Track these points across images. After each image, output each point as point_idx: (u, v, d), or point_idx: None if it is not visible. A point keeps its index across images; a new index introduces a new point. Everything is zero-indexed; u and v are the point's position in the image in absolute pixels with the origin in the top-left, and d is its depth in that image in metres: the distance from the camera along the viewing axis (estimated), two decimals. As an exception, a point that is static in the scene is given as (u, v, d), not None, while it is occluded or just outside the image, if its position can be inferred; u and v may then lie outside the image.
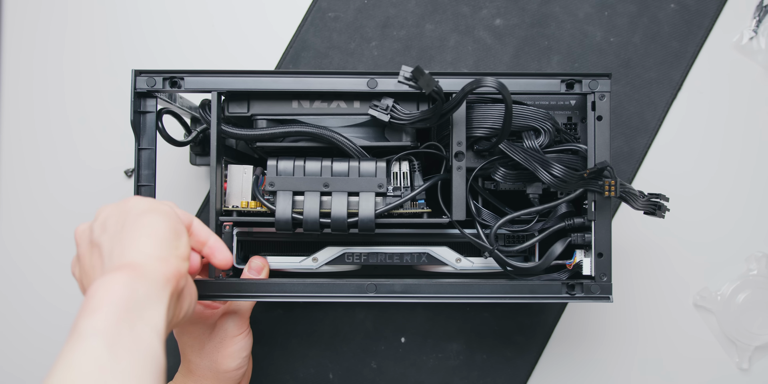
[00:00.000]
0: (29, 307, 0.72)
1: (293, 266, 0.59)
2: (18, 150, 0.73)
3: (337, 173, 0.55)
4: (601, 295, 0.54)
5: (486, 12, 0.73)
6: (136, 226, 0.42)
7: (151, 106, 0.54)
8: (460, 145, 0.54)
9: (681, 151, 0.73)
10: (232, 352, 0.56)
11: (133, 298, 0.37)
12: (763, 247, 0.73)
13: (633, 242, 0.72)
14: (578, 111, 0.58)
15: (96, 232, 0.44)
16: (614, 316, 0.72)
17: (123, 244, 0.41)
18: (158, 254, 0.40)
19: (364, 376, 0.71)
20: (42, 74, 0.73)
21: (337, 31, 0.73)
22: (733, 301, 0.71)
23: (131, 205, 0.44)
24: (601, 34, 0.73)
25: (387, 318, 0.72)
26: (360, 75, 0.53)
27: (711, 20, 0.73)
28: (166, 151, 0.65)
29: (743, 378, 0.72)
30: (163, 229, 0.42)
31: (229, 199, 0.56)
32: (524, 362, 0.72)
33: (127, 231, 0.42)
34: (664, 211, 0.55)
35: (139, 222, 0.42)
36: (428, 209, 0.56)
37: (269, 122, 0.56)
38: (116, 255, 0.41)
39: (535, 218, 0.57)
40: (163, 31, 0.74)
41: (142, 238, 0.41)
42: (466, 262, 0.59)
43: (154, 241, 0.41)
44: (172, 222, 0.44)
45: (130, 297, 0.37)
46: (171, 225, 0.43)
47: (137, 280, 0.38)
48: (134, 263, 0.39)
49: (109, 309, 0.36)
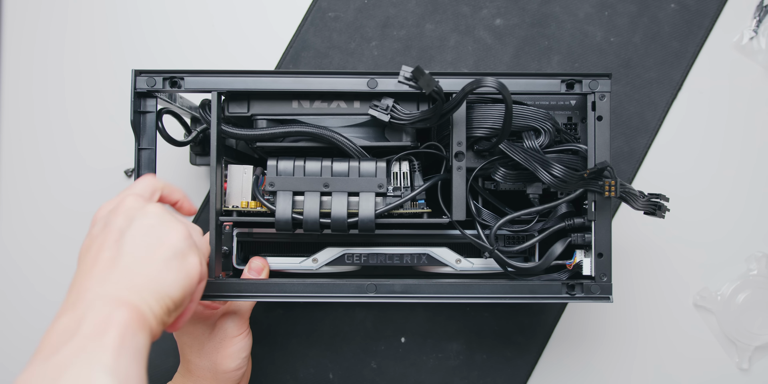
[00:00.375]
0: (30, 307, 0.72)
1: (293, 267, 0.59)
2: (18, 150, 0.73)
3: (337, 173, 0.55)
4: (601, 295, 0.54)
5: (486, 12, 0.73)
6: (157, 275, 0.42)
7: (151, 106, 0.54)
8: (460, 145, 0.54)
9: (681, 151, 0.73)
10: (232, 353, 0.56)
11: (138, 344, 0.39)
12: (763, 247, 0.73)
13: (633, 242, 0.72)
14: (578, 111, 0.58)
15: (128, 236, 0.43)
16: (614, 316, 0.72)
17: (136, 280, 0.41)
18: (158, 317, 0.41)
19: (364, 376, 0.71)
20: (42, 74, 0.73)
21: (337, 31, 0.73)
22: (733, 301, 0.71)
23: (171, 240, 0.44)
24: (601, 34, 0.73)
25: (387, 318, 0.72)
26: (360, 75, 0.53)
27: (711, 20, 0.73)
28: (166, 151, 0.65)
29: (743, 378, 0.72)
30: (173, 299, 0.43)
31: (229, 199, 0.56)
32: (524, 362, 0.72)
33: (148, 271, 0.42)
34: (664, 211, 0.55)
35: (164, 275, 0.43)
36: (428, 209, 0.56)
37: (269, 122, 0.56)
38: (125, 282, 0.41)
39: (535, 218, 0.57)
40: (163, 31, 0.74)
41: (154, 294, 0.42)
42: (466, 263, 0.59)
43: (160, 305, 0.42)
44: (187, 290, 0.44)
45: (137, 343, 0.39)
46: (182, 296, 0.44)
47: (143, 328, 0.40)
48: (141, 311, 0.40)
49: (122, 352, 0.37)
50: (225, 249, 0.58)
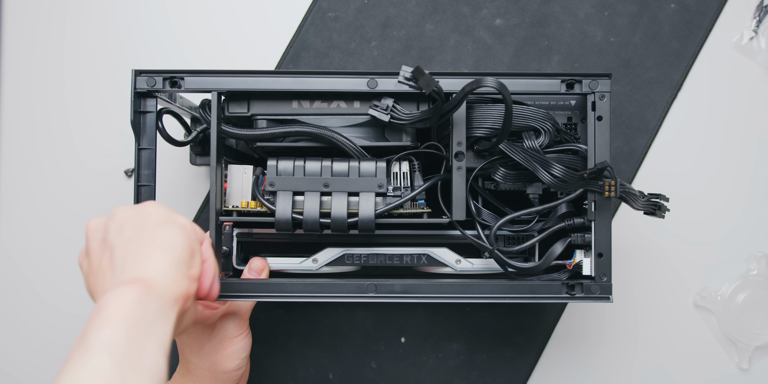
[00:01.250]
0: (29, 308, 0.72)
1: (293, 267, 0.59)
2: (18, 150, 0.73)
3: (337, 173, 0.55)
4: (601, 295, 0.54)
5: (486, 12, 0.73)
6: (153, 238, 0.42)
7: (151, 106, 0.54)
8: (460, 145, 0.54)
9: (681, 151, 0.73)
10: (232, 353, 0.56)
11: (144, 316, 0.37)
12: (763, 247, 0.73)
13: (633, 242, 0.72)
14: (578, 111, 0.58)
15: (111, 233, 0.43)
16: (614, 316, 0.72)
17: (137, 254, 0.41)
18: (172, 273, 0.40)
19: (364, 376, 0.71)
20: (42, 74, 0.73)
21: (337, 31, 0.73)
22: (733, 301, 0.71)
23: (150, 212, 0.44)
24: (601, 34, 0.73)
25: (387, 318, 0.72)
26: (360, 75, 0.53)
27: (711, 20, 0.73)
28: (166, 151, 0.65)
29: (743, 378, 0.72)
30: (180, 247, 0.42)
31: (229, 199, 0.56)
32: (524, 362, 0.72)
33: (143, 241, 0.42)
34: (664, 211, 0.55)
35: (158, 234, 0.42)
36: (428, 209, 0.56)
37: (269, 122, 0.56)
38: (129, 264, 0.41)
39: (535, 218, 0.57)
40: (163, 31, 0.74)
41: (158, 253, 0.41)
42: (465, 264, 0.59)
43: (169, 259, 0.41)
44: (190, 239, 0.43)
45: (141, 314, 0.37)
46: (188, 243, 0.43)
47: (149, 297, 0.38)
48: (147, 279, 0.39)
49: (119, 325, 0.36)
50: (225, 249, 0.58)
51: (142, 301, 0.37)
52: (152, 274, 0.40)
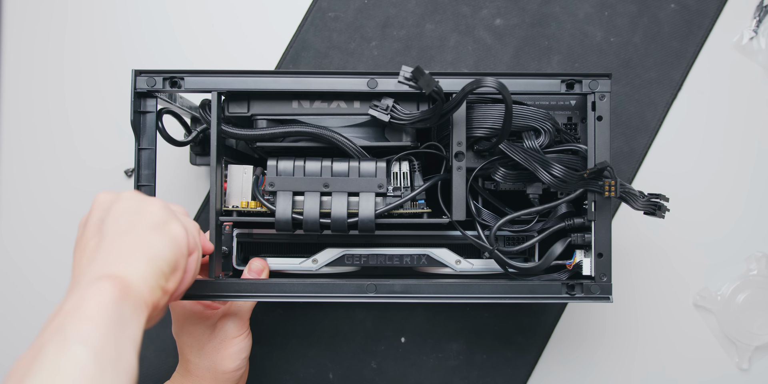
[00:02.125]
0: (30, 307, 0.72)
1: (293, 267, 0.59)
2: (18, 150, 0.73)
3: (337, 173, 0.55)
4: (601, 295, 0.54)
5: (486, 12, 0.73)
6: (141, 242, 0.42)
7: (151, 106, 0.54)
8: (460, 145, 0.54)
9: (681, 151, 0.73)
10: (232, 354, 0.56)
11: (121, 315, 0.38)
12: (763, 247, 0.73)
13: (633, 242, 0.72)
14: (578, 111, 0.58)
15: (109, 218, 0.44)
16: (614, 316, 0.72)
17: (122, 251, 0.41)
18: (149, 281, 0.41)
19: (364, 376, 0.71)
20: (42, 74, 0.73)
21: (337, 31, 0.73)
22: (733, 301, 0.71)
23: (151, 211, 0.44)
24: (601, 34, 0.73)
25: (387, 318, 0.72)
26: (360, 75, 0.53)
27: (711, 20, 0.73)
28: (166, 151, 0.65)
29: (743, 378, 0.72)
30: (163, 260, 0.42)
31: (229, 199, 0.56)
32: (524, 362, 0.72)
33: (131, 241, 0.42)
34: (664, 211, 0.55)
35: (147, 239, 0.42)
36: (428, 209, 0.56)
37: (269, 122, 0.56)
38: (112, 258, 0.41)
39: (535, 218, 0.57)
40: (163, 31, 0.74)
41: (141, 258, 0.41)
42: (465, 264, 0.59)
43: (150, 267, 0.41)
44: (176, 253, 0.44)
45: (119, 313, 0.38)
46: (173, 257, 0.43)
47: (126, 297, 0.39)
48: (126, 280, 0.39)
49: (98, 321, 0.36)
50: (225, 249, 0.58)
51: (120, 301, 0.38)
52: (131, 276, 0.40)
